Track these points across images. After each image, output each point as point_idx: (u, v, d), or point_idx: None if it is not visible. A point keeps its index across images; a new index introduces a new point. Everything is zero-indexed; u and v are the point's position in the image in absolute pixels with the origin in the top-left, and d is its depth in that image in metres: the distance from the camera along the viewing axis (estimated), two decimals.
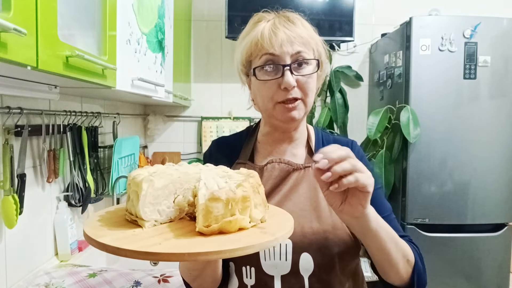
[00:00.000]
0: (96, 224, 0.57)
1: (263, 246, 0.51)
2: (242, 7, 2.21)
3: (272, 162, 0.82)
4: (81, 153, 1.41)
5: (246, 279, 0.76)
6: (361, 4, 2.50)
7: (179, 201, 0.59)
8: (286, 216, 0.63)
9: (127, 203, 0.60)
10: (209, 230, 0.52)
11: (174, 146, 2.57)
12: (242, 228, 0.55)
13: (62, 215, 1.34)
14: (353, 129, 2.54)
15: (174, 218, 0.59)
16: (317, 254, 0.74)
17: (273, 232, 0.54)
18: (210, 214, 0.52)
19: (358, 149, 0.89)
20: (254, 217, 0.56)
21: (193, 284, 0.77)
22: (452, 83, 1.98)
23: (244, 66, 0.82)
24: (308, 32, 0.79)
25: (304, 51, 0.77)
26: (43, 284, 1.09)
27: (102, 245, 0.50)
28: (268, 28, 0.77)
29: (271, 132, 0.86)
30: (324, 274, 0.75)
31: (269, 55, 0.76)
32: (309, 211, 0.76)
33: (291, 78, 0.74)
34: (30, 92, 1.02)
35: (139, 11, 1.22)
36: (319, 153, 0.59)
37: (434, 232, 2.02)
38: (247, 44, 0.79)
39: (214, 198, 0.52)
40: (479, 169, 2.01)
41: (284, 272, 0.74)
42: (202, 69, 2.55)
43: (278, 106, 0.77)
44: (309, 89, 0.78)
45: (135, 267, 1.26)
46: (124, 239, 0.51)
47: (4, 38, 0.57)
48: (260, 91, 0.78)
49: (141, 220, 0.56)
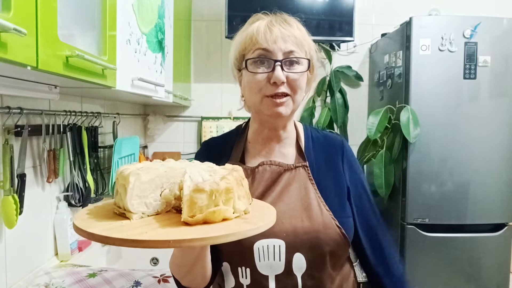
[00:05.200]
0: (86, 217, 0.59)
1: (245, 234, 0.53)
2: (242, 7, 2.21)
3: (264, 165, 0.83)
4: (81, 153, 1.41)
5: (242, 279, 0.78)
6: (361, 4, 2.50)
7: (165, 194, 0.61)
8: (269, 208, 0.65)
9: (115, 197, 0.62)
10: (194, 220, 0.54)
11: (174, 146, 2.57)
12: (226, 219, 0.57)
13: (62, 215, 1.34)
14: (353, 129, 2.54)
15: (161, 211, 0.61)
16: (309, 253, 0.76)
17: (255, 222, 0.56)
18: (194, 205, 0.54)
19: (349, 148, 0.91)
20: (238, 208, 0.59)
21: (183, 281, 0.78)
22: (452, 83, 1.98)
23: (237, 60, 0.83)
24: (302, 35, 0.81)
25: (297, 51, 0.78)
26: (43, 284, 1.09)
27: (91, 234, 0.52)
28: (264, 24, 0.79)
29: (259, 130, 0.86)
30: (316, 272, 0.77)
31: (262, 50, 0.77)
32: (300, 211, 0.77)
33: (281, 73, 0.76)
34: (30, 92, 1.02)
35: (139, 11, 1.22)
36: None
37: (434, 232, 2.02)
38: (242, 38, 0.81)
39: (198, 190, 0.54)
40: (479, 169, 2.01)
41: (278, 272, 0.76)
42: (202, 69, 2.55)
43: (265, 99, 0.78)
44: (298, 86, 0.78)
45: (135, 267, 1.26)
46: (112, 229, 0.53)
47: (4, 38, 0.57)
48: (250, 83, 0.79)
49: (129, 213, 0.58)
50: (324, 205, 0.79)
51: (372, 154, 2.17)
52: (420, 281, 2.04)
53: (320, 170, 0.84)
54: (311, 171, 0.82)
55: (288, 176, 0.81)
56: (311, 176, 0.82)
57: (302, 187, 0.80)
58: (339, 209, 0.80)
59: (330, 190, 0.82)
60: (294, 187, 0.80)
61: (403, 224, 2.04)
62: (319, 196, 0.79)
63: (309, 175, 0.82)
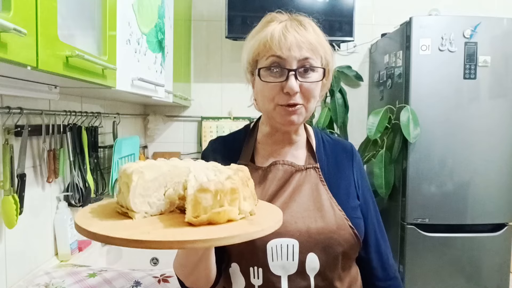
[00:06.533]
0: (88, 216, 0.57)
1: (250, 236, 0.51)
2: (242, 7, 2.21)
3: (276, 164, 0.82)
4: (81, 153, 1.41)
5: (253, 279, 0.77)
6: (361, 4, 2.50)
7: (169, 194, 0.60)
8: (275, 210, 0.64)
9: (118, 195, 0.61)
10: (198, 221, 0.53)
11: (174, 146, 2.57)
12: (231, 220, 0.55)
13: (62, 215, 1.34)
14: (353, 129, 2.54)
15: (165, 211, 0.60)
16: (322, 253, 0.75)
17: (261, 223, 0.55)
18: (199, 205, 0.53)
19: (358, 154, 0.91)
20: (243, 210, 0.57)
21: (187, 281, 0.77)
22: (452, 83, 1.98)
23: (250, 65, 0.82)
24: (318, 39, 0.78)
25: (312, 58, 0.76)
26: (43, 284, 1.09)
27: (92, 233, 0.50)
28: (279, 30, 0.76)
29: (271, 133, 0.86)
30: (328, 272, 0.76)
31: (276, 58, 0.75)
32: (313, 211, 0.77)
33: (295, 83, 0.74)
34: (30, 92, 1.02)
35: (139, 11, 1.22)
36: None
37: (434, 232, 2.02)
38: (256, 43, 0.78)
39: (203, 189, 0.53)
40: (479, 169, 2.01)
41: (291, 272, 0.75)
42: (202, 69, 2.55)
43: (278, 108, 0.77)
44: (311, 95, 0.77)
45: (135, 267, 1.26)
46: (113, 228, 0.51)
47: (4, 38, 0.57)
48: (262, 91, 0.78)
49: (132, 212, 0.56)
50: (337, 206, 0.78)
51: (372, 154, 2.17)
52: (420, 281, 2.04)
53: (331, 172, 0.84)
54: (322, 173, 0.82)
55: (299, 176, 0.81)
56: (322, 178, 0.81)
57: (314, 188, 0.80)
58: (351, 210, 0.80)
59: (341, 191, 0.82)
60: (305, 188, 0.80)
61: (403, 224, 2.04)
62: (331, 197, 0.79)
63: (320, 176, 0.82)
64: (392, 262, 0.89)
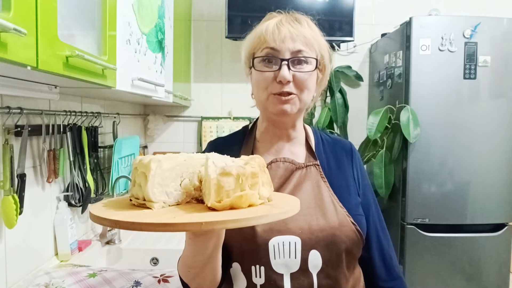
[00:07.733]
0: (103, 208, 0.56)
1: (276, 217, 0.52)
2: (242, 7, 2.21)
3: (277, 161, 0.83)
4: (81, 153, 1.41)
5: (255, 278, 0.76)
6: (361, 4, 2.50)
7: (185, 184, 0.60)
8: (290, 197, 0.65)
9: (131, 190, 0.60)
10: (221, 205, 0.53)
11: (174, 146, 2.57)
12: (252, 205, 0.55)
13: (62, 215, 1.34)
14: (353, 129, 2.54)
15: (181, 201, 0.60)
16: (325, 250, 0.75)
17: (282, 206, 0.56)
18: (221, 189, 0.53)
19: (358, 154, 0.91)
20: (262, 195, 0.58)
21: (192, 284, 0.76)
22: (452, 83, 1.98)
23: (248, 59, 0.84)
24: (313, 34, 0.80)
25: (305, 51, 0.77)
26: (43, 284, 1.09)
27: (115, 222, 0.49)
28: (273, 23, 0.78)
29: (268, 128, 0.86)
30: (332, 270, 0.76)
31: (270, 49, 0.77)
32: (314, 208, 0.77)
33: (287, 72, 0.75)
34: (30, 92, 1.02)
35: (139, 11, 1.22)
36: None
37: (434, 232, 2.02)
38: (252, 37, 0.81)
39: (225, 173, 0.53)
40: (479, 169, 2.01)
41: (294, 270, 0.75)
42: (202, 69, 2.55)
43: (271, 97, 0.78)
44: (305, 86, 0.78)
45: (135, 267, 1.26)
46: (136, 216, 0.50)
47: (4, 38, 0.57)
48: (257, 81, 0.80)
49: (150, 202, 0.56)
50: (338, 203, 0.79)
51: (372, 154, 2.17)
52: (420, 281, 2.04)
53: (331, 170, 0.84)
54: (322, 170, 0.82)
55: (300, 174, 0.81)
56: (323, 175, 0.82)
57: (315, 185, 0.80)
58: (352, 207, 0.80)
59: (342, 188, 0.82)
60: (306, 185, 0.80)
61: (403, 224, 2.04)
62: (332, 194, 0.79)
63: (320, 173, 0.82)
64: (396, 263, 0.88)
